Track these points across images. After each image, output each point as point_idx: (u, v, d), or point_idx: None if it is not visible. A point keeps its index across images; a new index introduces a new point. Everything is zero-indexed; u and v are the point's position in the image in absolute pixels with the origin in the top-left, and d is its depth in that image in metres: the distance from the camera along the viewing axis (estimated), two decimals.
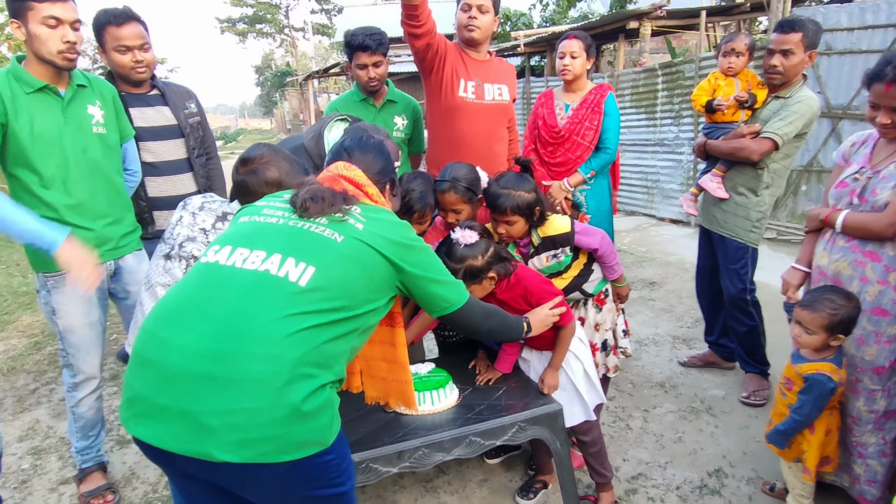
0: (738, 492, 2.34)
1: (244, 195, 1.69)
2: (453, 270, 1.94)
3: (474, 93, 2.80)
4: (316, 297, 1.24)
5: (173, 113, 2.66)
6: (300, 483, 1.22)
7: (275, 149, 1.73)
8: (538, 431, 2.00)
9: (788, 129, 2.79)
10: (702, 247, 3.32)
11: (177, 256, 1.63)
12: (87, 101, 2.22)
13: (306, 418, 1.16)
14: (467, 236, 1.97)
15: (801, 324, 1.95)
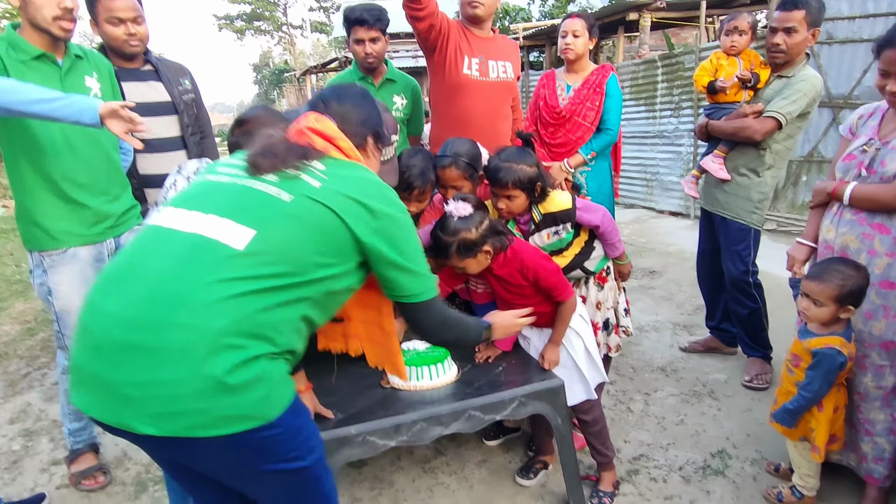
0: (743, 472, 2.30)
1: None
2: (446, 244, 1.89)
3: (478, 70, 2.76)
4: (252, 261, 1.14)
5: (167, 89, 2.59)
6: (244, 458, 1.17)
7: (272, 111, 1.69)
8: (539, 407, 1.96)
9: (792, 107, 2.75)
10: (703, 230, 3.28)
11: None
12: (85, 72, 2.16)
13: (233, 392, 1.07)
14: (461, 208, 1.92)
15: (810, 296, 1.90)
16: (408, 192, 2.19)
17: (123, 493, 2.31)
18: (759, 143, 2.85)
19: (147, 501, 2.26)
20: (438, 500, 2.22)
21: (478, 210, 1.97)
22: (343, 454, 1.72)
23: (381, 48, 2.85)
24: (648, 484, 2.26)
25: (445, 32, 2.66)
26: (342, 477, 2.36)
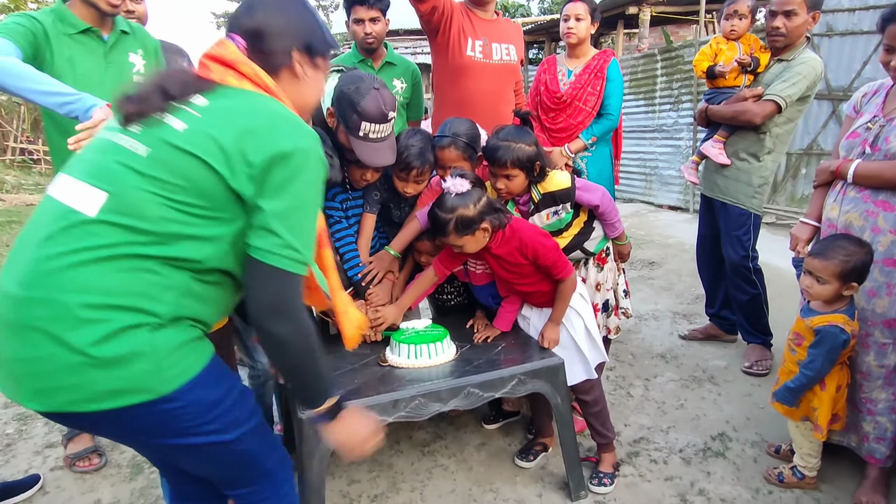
0: (743, 454, 2.29)
1: None
2: (444, 221, 1.87)
3: (482, 52, 2.74)
4: (105, 227, 1.04)
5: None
6: (146, 432, 1.13)
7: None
8: (538, 385, 1.94)
9: (791, 90, 2.73)
10: (703, 216, 3.26)
11: None
12: (130, 48, 2.18)
13: (106, 366, 1.02)
14: (458, 185, 1.90)
15: (813, 273, 1.88)
16: (406, 172, 2.17)
17: (119, 475, 2.29)
18: (758, 126, 2.83)
19: (142, 482, 2.24)
20: (437, 481, 2.20)
21: (476, 187, 1.95)
22: None
23: (381, 29, 2.83)
24: (649, 465, 2.24)
25: (448, 14, 2.64)
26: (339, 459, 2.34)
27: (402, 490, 2.16)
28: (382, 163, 2.04)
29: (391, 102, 2.01)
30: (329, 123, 2.11)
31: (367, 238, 2.28)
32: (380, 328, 2.11)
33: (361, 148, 1.99)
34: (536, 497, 2.09)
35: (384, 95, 1.98)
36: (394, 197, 2.33)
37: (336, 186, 2.23)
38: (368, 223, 2.29)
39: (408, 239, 2.24)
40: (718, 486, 2.10)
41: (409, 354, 1.96)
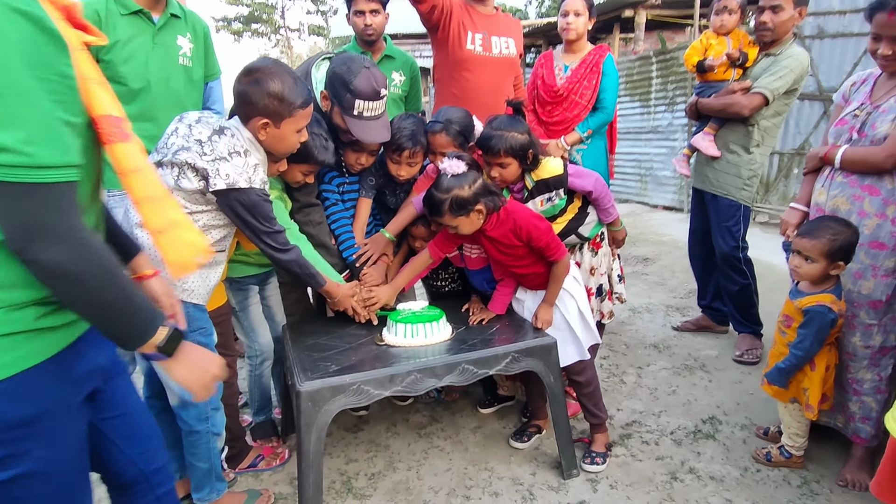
0: (732, 436, 2.33)
1: (244, 106, 1.66)
2: (439, 201, 1.92)
3: (482, 45, 2.80)
4: None
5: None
6: None
7: (282, 63, 1.71)
8: (531, 364, 1.99)
9: (778, 83, 2.80)
10: (694, 209, 3.32)
11: (169, 164, 1.59)
12: (179, 31, 2.23)
13: None
14: (455, 166, 1.95)
15: (801, 253, 1.93)
16: (398, 153, 2.22)
17: None
18: (747, 119, 2.90)
19: None
20: (433, 461, 2.24)
21: (471, 170, 2.00)
22: (338, 402, 1.74)
23: (381, 21, 2.87)
24: (640, 446, 2.28)
25: (448, 11, 2.71)
26: (336, 440, 2.38)
27: (399, 469, 2.19)
28: (377, 140, 2.10)
29: (382, 80, 2.07)
30: (323, 107, 2.16)
31: (362, 222, 2.33)
32: (373, 308, 2.15)
33: (357, 126, 2.04)
34: (530, 475, 2.13)
35: (375, 74, 2.04)
36: (389, 183, 2.38)
37: (333, 170, 2.28)
38: (364, 207, 2.33)
39: (403, 223, 2.29)
40: (708, 465, 2.15)
41: (405, 334, 2.01)
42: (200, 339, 1.71)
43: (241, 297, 2.19)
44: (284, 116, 1.68)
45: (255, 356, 2.26)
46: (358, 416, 2.56)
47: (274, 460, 2.23)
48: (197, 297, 1.71)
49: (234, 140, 1.63)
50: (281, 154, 1.82)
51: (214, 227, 1.70)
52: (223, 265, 1.81)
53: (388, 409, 2.64)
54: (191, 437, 1.80)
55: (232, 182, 1.58)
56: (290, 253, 1.80)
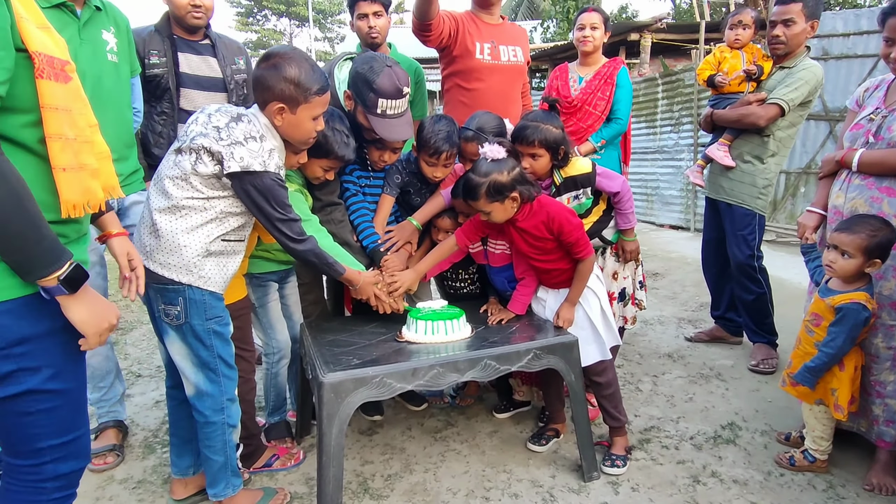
0: (753, 441, 2.30)
1: (261, 91, 1.68)
2: (476, 184, 1.93)
3: (490, 54, 2.85)
4: None
5: (220, 66, 2.61)
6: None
7: (300, 50, 1.73)
8: (553, 361, 1.97)
9: (794, 94, 2.84)
10: (708, 219, 3.33)
11: (187, 149, 1.61)
12: (103, 25, 2.12)
13: None
14: (495, 151, 1.96)
15: (838, 247, 1.92)
16: (436, 157, 2.23)
17: (131, 455, 2.29)
18: (762, 130, 2.93)
19: (154, 461, 2.24)
20: (450, 463, 2.20)
21: (511, 156, 2.01)
22: (360, 394, 1.73)
23: (384, 24, 2.91)
24: (660, 451, 2.25)
25: (454, 34, 2.76)
26: (351, 441, 2.35)
27: (416, 471, 2.16)
28: (400, 137, 2.12)
29: (405, 78, 2.10)
30: (347, 107, 2.19)
31: (383, 217, 2.34)
32: (397, 293, 2.14)
33: (380, 125, 2.07)
34: (550, 478, 2.10)
35: (397, 72, 2.07)
36: (414, 181, 2.40)
37: (355, 164, 2.30)
38: (387, 204, 2.35)
39: (430, 213, 2.31)
40: (730, 469, 2.12)
41: (426, 331, 2.00)
42: (216, 327, 1.71)
43: (260, 294, 2.19)
44: (300, 102, 1.68)
45: (273, 353, 2.25)
46: (372, 420, 2.53)
47: (289, 460, 2.20)
48: (213, 285, 1.70)
49: (251, 126, 1.65)
50: (297, 141, 1.81)
51: (232, 215, 1.70)
52: (241, 256, 1.81)
53: (402, 413, 2.61)
54: (206, 429, 1.78)
55: (246, 165, 1.59)
56: (306, 242, 1.79)
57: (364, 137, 2.19)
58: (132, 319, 4.05)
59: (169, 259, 1.63)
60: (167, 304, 1.66)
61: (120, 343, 3.62)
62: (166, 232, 1.62)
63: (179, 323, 1.67)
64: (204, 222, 1.65)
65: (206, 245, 1.66)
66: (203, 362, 1.71)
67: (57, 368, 1.15)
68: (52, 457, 1.19)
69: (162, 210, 1.63)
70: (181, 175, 1.62)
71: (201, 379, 1.73)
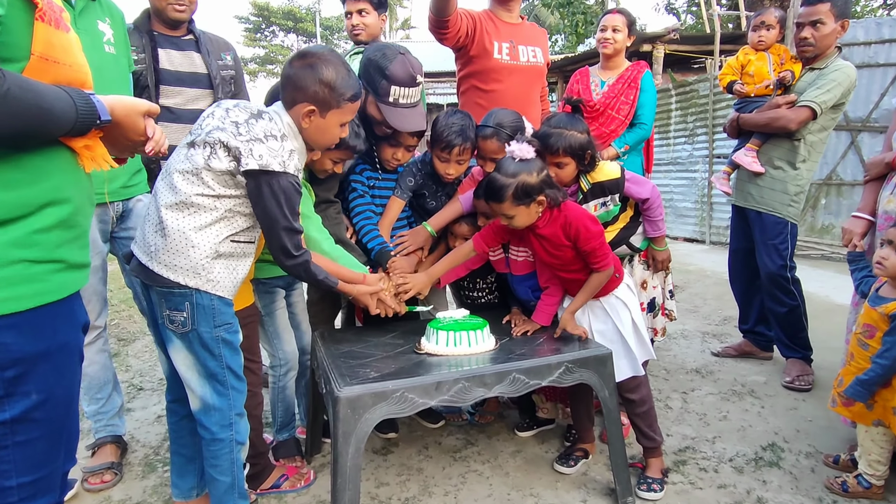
0: (798, 464, 2.13)
1: (292, 91, 1.57)
2: (502, 185, 1.80)
3: (508, 54, 2.74)
4: None
5: (204, 61, 2.49)
6: None
7: (337, 53, 1.64)
8: (586, 376, 1.82)
9: (826, 97, 2.71)
10: (735, 228, 3.19)
11: (202, 143, 1.49)
12: (98, 16, 2.02)
13: None
14: (524, 150, 1.82)
15: (893, 242, 1.78)
16: (448, 151, 2.12)
17: (130, 474, 2.15)
18: (793, 134, 2.80)
19: (155, 481, 2.09)
20: (472, 486, 2.05)
21: (539, 157, 1.88)
22: (379, 410, 1.58)
23: (371, 22, 2.79)
24: (698, 473, 2.09)
25: (471, 32, 2.66)
26: (364, 461, 2.20)
27: (435, 494, 2.01)
28: (413, 128, 2.01)
29: (419, 67, 2.00)
30: None
31: (390, 220, 2.22)
32: (405, 296, 2.01)
33: (392, 114, 1.96)
34: (580, 503, 1.94)
35: (411, 60, 1.97)
36: (429, 184, 2.27)
37: (365, 164, 2.18)
38: (395, 207, 2.23)
39: (447, 219, 2.18)
40: (777, 495, 1.95)
41: (447, 342, 1.86)
42: (225, 335, 1.57)
43: (267, 301, 2.05)
44: (332, 107, 1.60)
45: (280, 365, 2.11)
46: (387, 439, 2.38)
47: (299, 481, 2.05)
48: (223, 290, 1.57)
49: (272, 124, 1.54)
50: (320, 146, 1.73)
51: (241, 215, 1.57)
52: (251, 259, 1.68)
53: (419, 431, 2.46)
54: (213, 447, 1.63)
55: (265, 164, 1.48)
56: (300, 258, 1.63)
57: (375, 134, 2.08)
58: (134, 330, 3.93)
59: (175, 260, 1.50)
60: (172, 309, 1.53)
61: (121, 354, 3.49)
62: (174, 230, 1.49)
63: (185, 330, 1.53)
64: (213, 221, 1.52)
65: (216, 245, 1.53)
66: (210, 373, 1.58)
67: (47, 394, 1.04)
68: (19, 496, 1.03)
69: (170, 206, 1.50)
70: (192, 169, 1.49)
71: (208, 392, 1.59)
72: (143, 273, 1.54)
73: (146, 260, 1.52)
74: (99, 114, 1.05)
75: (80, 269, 1.10)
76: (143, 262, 1.53)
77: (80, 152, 1.06)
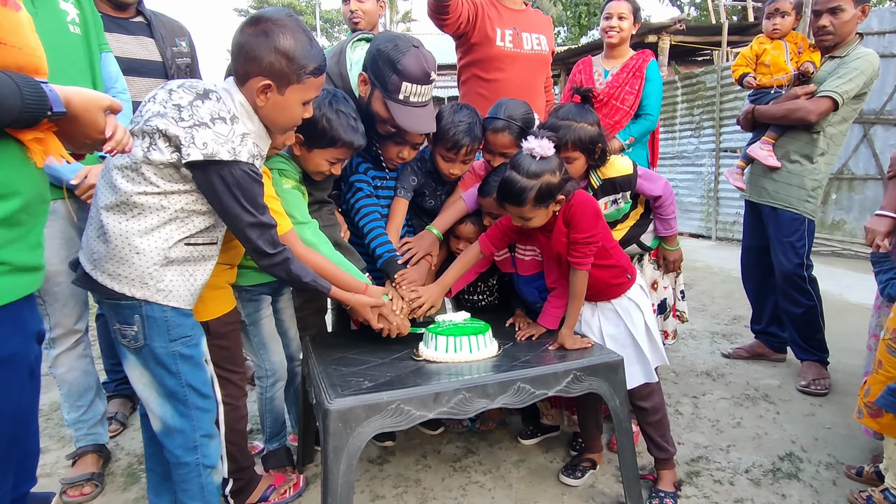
0: (819, 476, 2.01)
1: (243, 62, 1.38)
2: (522, 188, 1.64)
3: (512, 41, 2.61)
4: None
5: (158, 48, 2.29)
6: None
7: (298, 19, 1.44)
8: (596, 384, 1.70)
9: (848, 86, 2.57)
10: (748, 225, 3.06)
11: (139, 132, 1.29)
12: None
13: None
14: (544, 147, 1.65)
15: None
16: (454, 151, 1.98)
17: (112, 485, 2.03)
18: (812, 126, 2.66)
19: (137, 493, 1.98)
20: (473, 499, 1.93)
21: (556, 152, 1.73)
22: (373, 424, 1.46)
23: (370, 9, 2.67)
24: (713, 486, 1.97)
25: (472, 19, 2.52)
26: (359, 472, 2.08)
27: None
28: (423, 130, 1.86)
29: (433, 62, 1.84)
30: (360, 92, 1.93)
31: (397, 224, 2.07)
32: (421, 311, 1.87)
33: (401, 113, 1.80)
34: None
35: (425, 54, 1.82)
36: (429, 182, 2.14)
37: (365, 162, 2.04)
38: (400, 208, 2.09)
39: (452, 220, 2.05)
40: None
41: (447, 347, 1.74)
42: (183, 350, 1.41)
43: (251, 309, 1.89)
44: (291, 81, 1.39)
45: (267, 377, 1.97)
46: (383, 447, 2.27)
47: (288, 490, 1.93)
48: (177, 300, 1.40)
49: (220, 104, 1.35)
50: (279, 128, 1.51)
51: (197, 214, 1.39)
52: (214, 261, 1.50)
53: (417, 438, 2.34)
54: (180, 470, 1.49)
55: (211, 152, 1.29)
56: (277, 256, 1.46)
57: (379, 131, 1.94)
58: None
59: (119, 269, 1.33)
60: (122, 323, 1.37)
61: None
62: (115, 235, 1.32)
63: (138, 346, 1.38)
64: (161, 223, 1.34)
65: (165, 251, 1.35)
66: (169, 392, 1.42)
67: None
68: None
69: (110, 207, 1.32)
70: (131, 164, 1.31)
71: (168, 412, 1.44)
72: (87, 283, 1.37)
73: (90, 269, 1.36)
74: (51, 104, 0.94)
75: (29, 272, 0.99)
76: (87, 272, 1.36)
77: (28, 145, 0.94)
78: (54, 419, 2.51)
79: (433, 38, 8.23)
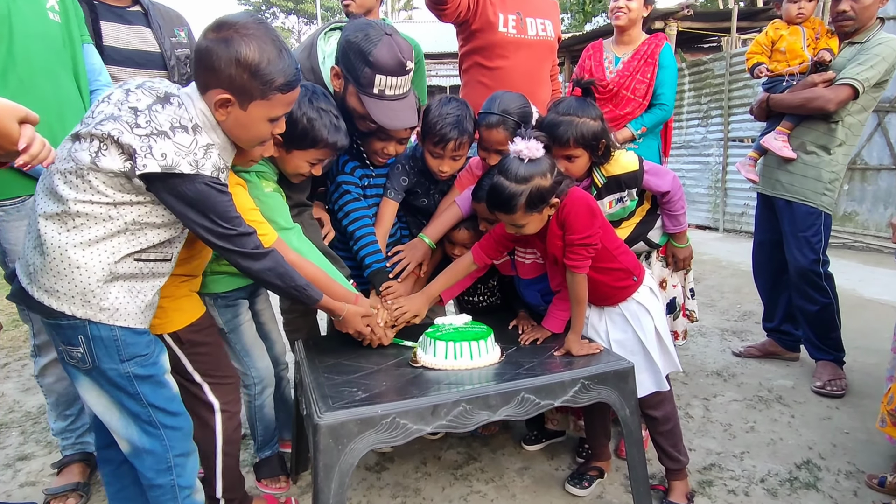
0: (838, 486, 1.92)
1: (203, 72, 1.25)
2: (513, 193, 1.54)
3: (515, 27, 2.48)
4: None
5: (156, 38, 2.19)
6: None
7: (268, 27, 1.30)
8: (605, 393, 1.60)
9: (869, 73, 2.45)
10: (761, 218, 2.94)
11: (87, 136, 1.17)
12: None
13: None
14: (533, 149, 1.55)
15: None
16: (441, 146, 1.86)
17: (98, 495, 1.95)
18: (830, 115, 2.53)
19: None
20: None
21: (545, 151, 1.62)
22: (367, 439, 1.37)
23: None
24: (727, 496, 1.88)
25: (473, 5, 2.40)
26: (356, 481, 2.00)
27: None
28: (402, 125, 1.74)
29: (408, 50, 1.71)
30: (334, 87, 1.80)
31: (385, 229, 1.95)
32: (400, 323, 1.79)
33: (377, 108, 1.68)
34: None
35: (399, 42, 1.68)
36: (422, 181, 2.03)
37: (352, 160, 1.93)
38: (389, 211, 1.97)
39: (445, 228, 1.94)
40: None
41: (446, 354, 1.64)
42: (137, 370, 1.30)
43: (229, 316, 1.78)
44: (255, 97, 1.27)
45: (255, 384, 1.87)
46: (381, 453, 2.18)
47: None
48: (125, 319, 1.28)
49: (182, 111, 1.24)
50: (245, 144, 1.38)
51: (151, 227, 1.27)
52: (163, 279, 1.38)
53: (416, 444, 2.23)
54: (153, 493, 1.39)
55: (170, 164, 1.17)
56: (265, 259, 1.37)
57: (359, 128, 1.82)
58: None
59: (57, 284, 1.21)
60: (66, 343, 1.26)
61: None
62: (53, 247, 1.20)
63: (87, 368, 1.28)
64: (107, 235, 1.22)
65: (110, 266, 1.23)
66: (132, 413, 1.33)
67: None
68: None
69: (49, 216, 1.21)
70: (75, 169, 1.19)
71: (135, 433, 1.34)
72: (24, 300, 1.26)
73: (26, 283, 1.24)
74: None
75: None
76: (23, 286, 1.24)
77: None
78: (42, 423, 2.43)
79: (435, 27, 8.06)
